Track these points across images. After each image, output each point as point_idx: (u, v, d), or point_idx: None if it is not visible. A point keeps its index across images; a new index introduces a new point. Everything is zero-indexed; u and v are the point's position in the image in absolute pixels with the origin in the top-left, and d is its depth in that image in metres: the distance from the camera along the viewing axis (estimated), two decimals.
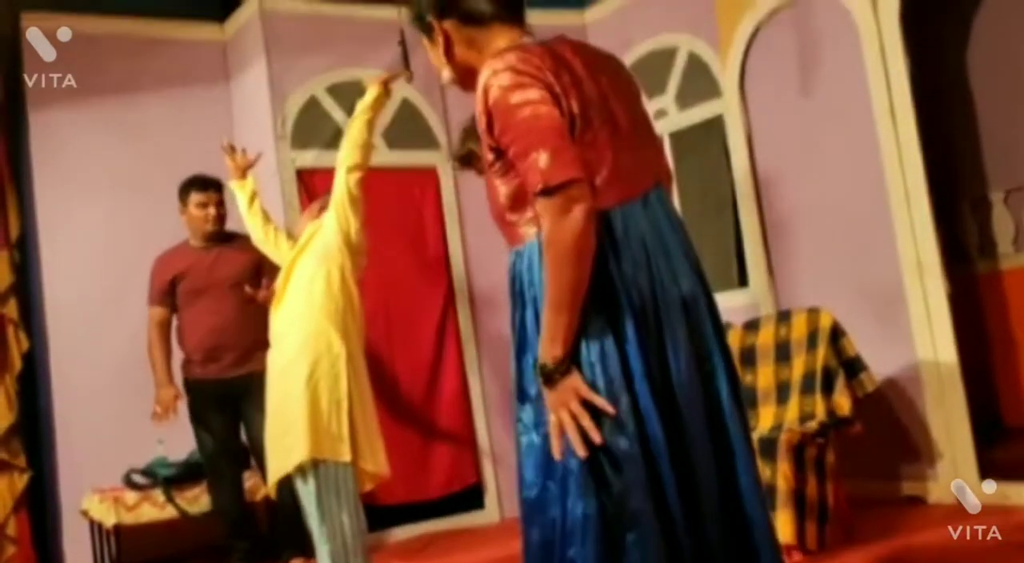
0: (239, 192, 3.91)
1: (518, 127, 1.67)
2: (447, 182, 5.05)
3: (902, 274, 4.06)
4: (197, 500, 4.22)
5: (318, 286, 3.44)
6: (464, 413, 4.92)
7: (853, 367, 3.67)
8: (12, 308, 4.48)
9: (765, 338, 3.93)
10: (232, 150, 3.96)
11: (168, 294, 4.13)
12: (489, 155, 1.76)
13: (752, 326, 4.04)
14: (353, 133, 3.61)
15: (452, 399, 4.90)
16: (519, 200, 1.75)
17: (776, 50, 4.50)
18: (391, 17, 4.27)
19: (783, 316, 3.97)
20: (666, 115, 5.02)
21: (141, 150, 4.82)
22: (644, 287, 1.72)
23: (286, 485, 3.41)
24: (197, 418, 4.11)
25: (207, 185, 4.14)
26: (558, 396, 1.67)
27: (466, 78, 1.87)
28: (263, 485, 4.26)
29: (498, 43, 1.82)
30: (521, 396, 1.79)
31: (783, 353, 3.83)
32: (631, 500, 1.64)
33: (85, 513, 4.33)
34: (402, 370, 4.80)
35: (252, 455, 4.11)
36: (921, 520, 3.73)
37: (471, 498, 4.88)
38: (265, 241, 3.88)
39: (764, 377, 3.87)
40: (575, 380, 1.66)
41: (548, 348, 1.66)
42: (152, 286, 4.17)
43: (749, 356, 3.93)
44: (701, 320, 1.77)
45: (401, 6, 4.12)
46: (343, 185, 3.54)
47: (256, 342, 3.87)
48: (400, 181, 4.95)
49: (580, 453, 1.64)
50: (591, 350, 1.68)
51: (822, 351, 3.65)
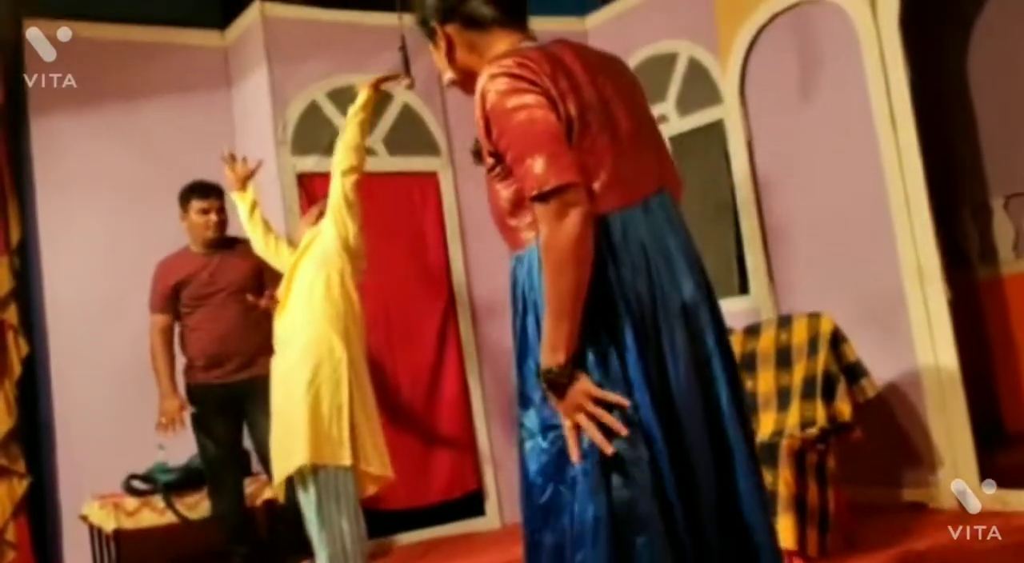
0: (240, 203, 3.93)
1: (514, 132, 1.67)
2: (448, 187, 5.06)
3: (903, 280, 4.06)
4: (197, 506, 4.22)
5: (318, 291, 3.45)
6: (465, 419, 4.91)
7: (854, 372, 3.66)
8: (12, 313, 4.47)
9: (766, 343, 3.93)
10: (232, 160, 3.96)
11: (171, 301, 4.11)
12: (489, 160, 1.76)
13: (753, 331, 4.04)
14: (346, 136, 3.61)
15: (452, 405, 4.89)
16: (520, 205, 1.74)
17: (776, 56, 4.51)
18: (392, 23, 4.28)
19: (784, 321, 3.97)
20: (666, 121, 5.03)
21: (142, 156, 4.82)
22: (643, 293, 1.71)
23: (292, 488, 3.42)
24: (199, 423, 4.11)
25: (208, 191, 4.13)
26: (570, 401, 1.66)
27: (467, 81, 1.87)
28: (263, 490, 4.28)
29: (499, 47, 1.82)
30: (524, 401, 1.78)
31: (784, 358, 3.82)
32: (640, 504, 1.64)
33: (85, 518, 4.33)
34: (403, 376, 4.79)
35: (259, 459, 4.10)
36: (922, 526, 3.72)
37: (472, 504, 4.87)
38: (266, 250, 3.90)
39: (765, 382, 3.86)
40: (584, 383, 1.66)
41: (551, 355, 1.65)
42: (154, 293, 4.16)
43: (750, 361, 3.93)
44: (702, 326, 1.76)
45: (402, 12, 4.14)
46: (339, 189, 3.55)
47: (260, 347, 3.87)
48: (401, 186, 4.96)
49: (608, 452, 1.64)
50: (590, 356, 1.68)
51: (823, 356, 3.64)
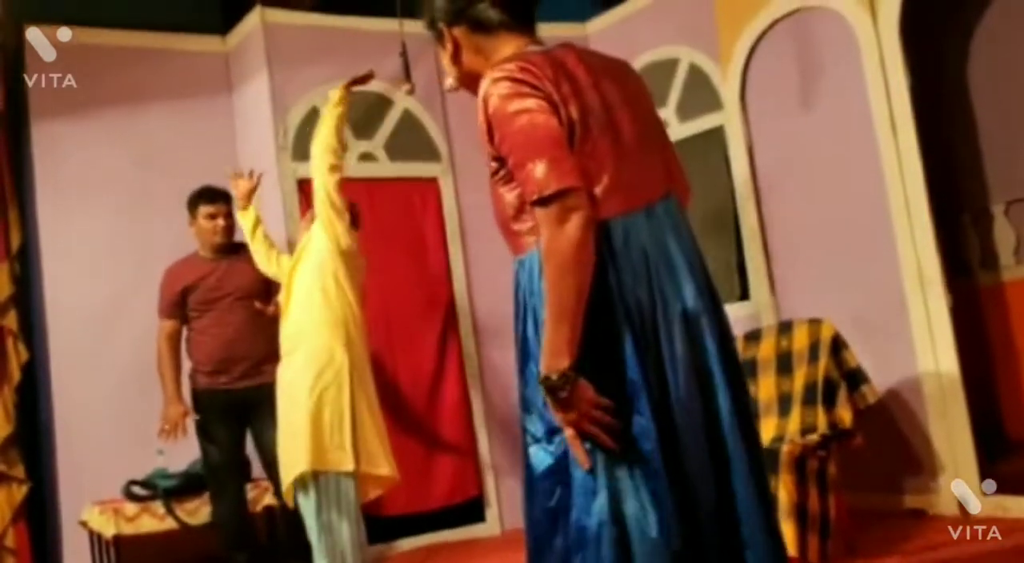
0: (243, 221, 3.93)
1: (516, 136, 1.67)
2: (448, 193, 5.06)
3: (903, 286, 4.06)
4: (197, 511, 4.21)
5: (316, 299, 3.46)
6: (465, 425, 4.90)
7: (855, 379, 3.65)
8: (12, 319, 4.47)
9: (766, 350, 3.92)
10: (237, 176, 3.96)
11: (178, 306, 4.09)
12: (492, 164, 1.76)
13: (753, 337, 4.04)
14: (321, 138, 3.57)
15: (453, 411, 4.88)
16: (523, 209, 1.74)
17: (777, 62, 4.51)
18: (392, 29, 4.28)
19: (784, 327, 3.96)
20: (667, 126, 5.02)
21: (143, 161, 4.82)
22: (644, 299, 1.70)
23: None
24: (203, 429, 4.08)
25: (215, 197, 4.13)
26: (571, 407, 1.64)
27: (473, 84, 1.87)
28: (263, 496, 4.27)
29: (505, 51, 1.83)
30: (526, 406, 1.78)
31: (784, 365, 3.82)
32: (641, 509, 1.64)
33: (85, 524, 4.32)
34: (403, 382, 4.79)
35: (263, 466, 4.09)
36: (923, 533, 3.71)
37: (472, 511, 4.86)
38: (269, 266, 3.92)
39: (765, 389, 3.86)
40: (586, 389, 1.64)
41: (552, 360, 1.63)
42: (162, 298, 4.14)
43: (750, 368, 3.92)
44: (703, 335, 1.74)
45: (402, 19, 4.15)
46: (322, 191, 3.51)
47: (266, 354, 3.87)
48: (401, 192, 4.96)
49: (615, 454, 1.64)
50: (588, 364, 1.66)
51: (823, 362, 3.64)
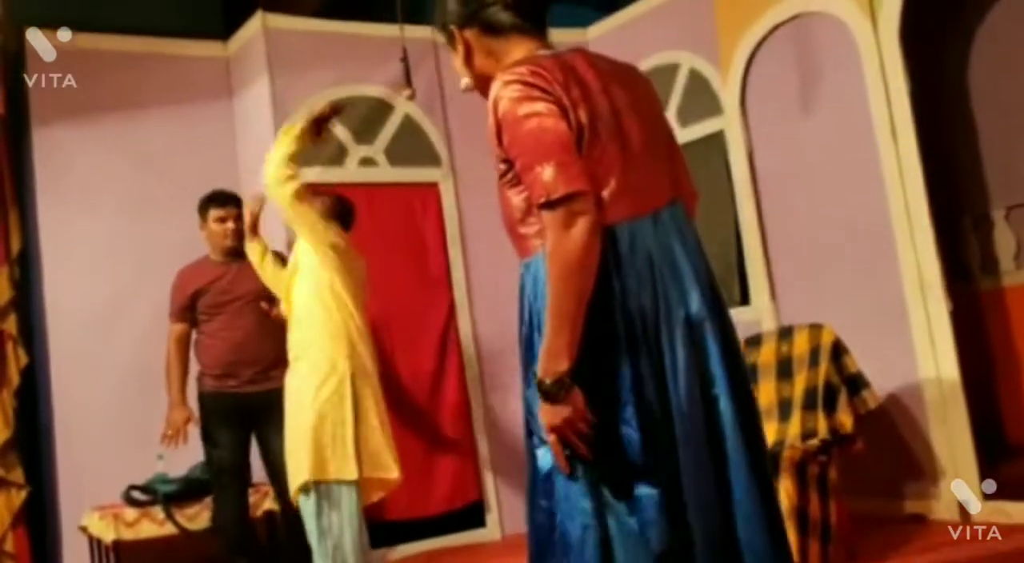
0: (252, 254, 3.87)
1: (525, 140, 1.68)
2: (448, 198, 5.06)
3: (904, 291, 4.06)
4: (197, 517, 4.20)
5: (316, 313, 3.49)
6: (466, 430, 4.90)
7: (855, 384, 3.65)
8: (11, 323, 4.47)
9: (767, 354, 3.92)
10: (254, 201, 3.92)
11: (188, 309, 4.07)
12: (501, 166, 1.77)
13: (754, 342, 4.04)
14: (275, 155, 3.47)
15: (453, 415, 4.88)
16: (530, 212, 1.75)
17: (777, 67, 4.52)
18: (393, 34, 4.29)
19: (785, 332, 3.96)
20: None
21: (144, 166, 4.83)
22: (647, 306, 1.70)
23: None
24: (207, 432, 4.07)
25: (226, 200, 4.12)
26: (560, 414, 1.64)
27: (484, 86, 1.88)
28: (264, 501, 4.27)
29: (516, 54, 1.84)
30: (531, 408, 1.78)
31: (785, 370, 3.82)
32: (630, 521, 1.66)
33: (84, 529, 4.32)
34: (403, 386, 4.78)
35: (268, 472, 4.07)
36: (924, 538, 3.71)
37: (473, 515, 4.86)
38: (280, 288, 3.81)
39: (766, 394, 3.85)
40: (579, 399, 1.65)
41: (550, 363, 1.64)
42: (173, 301, 4.12)
43: (751, 373, 3.92)
44: (707, 341, 1.74)
45: (403, 24, 4.15)
46: (283, 204, 3.46)
47: (275, 359, 3.87)
48: (402, 197, 4.97)
49: (567, 473, 1.68)
50: (584, 368, 1.66)
51: (824, 367, 3.63)
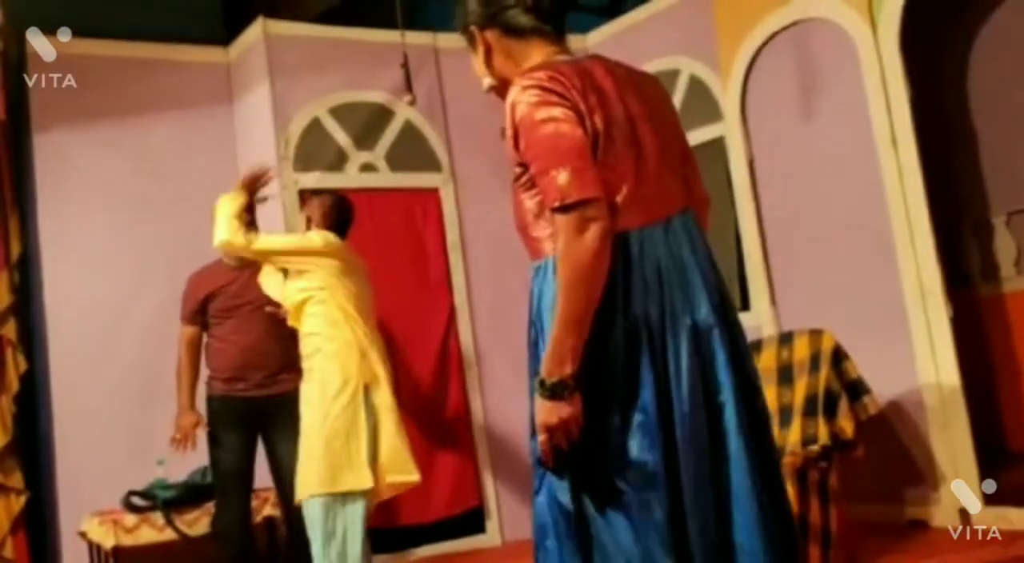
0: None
1: (540, 144, 1.70)
2: (449, 203, 5.07)
3: (904, 297, 4.06)
4: (196, 522, 4.20)
5: (325, 331, 3.55)
6: (465, 435, 4.90)
7: (856, 390, 3.65)
8: (11, 329, 4.46)
9: (767, 360, 3.92)
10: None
11: (200, 313, 4.07)
12: (516, 168, 1.79)
13: (754, 348, 4.02)
14: (219, 228, 3.60)
15: (453, 421, 4.88)
16: (542, 215, 1.76)
17: (777, 73, 4.52)
18: (394, 40, 4.30)
19: (785, 338, 3.96)
20: None
21: (145, 171, 4.83)
22: (654, 314, 1.71)
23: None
24: (214, 435, 4.06)
25: None
26: (558, 414, 1.66)
27: (502, 88, 1.89)
28: (264, 507, 4.27)
29: (535, 57, 1.85)
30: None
31: (785, 375, 3.82)
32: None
33: (84, 535, 4.31)
34: (403, 392, 4.77)
35: (274, 477, 4.06)
36: (924, 544, 3.71)
37: (472, 521, 4.85)
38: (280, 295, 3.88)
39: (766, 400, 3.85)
40: (577, 404, 1.66)
41: (555, 366, 1.65)
42: (184, 304, 4.11)
43: None
44: (715, 351, 1.74)
45: (404, 30, 4.16)
46: (249, 256, 3.67)
47: (284, 364, 3.87)
48: (402, 202, 4.97)
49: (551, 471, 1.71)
50: (585, 372, 1.67)
51: (824, 373, 3.63)
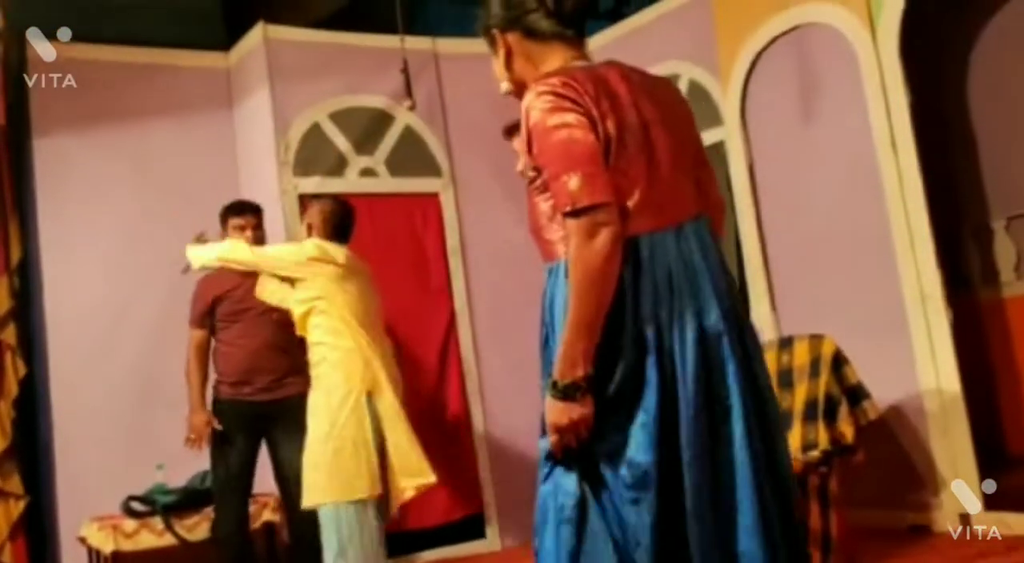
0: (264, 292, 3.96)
1: (553, 149, 1.71)
2: (449, 208, 5.07)
3: (904, 302, 4.05)
4: (196, 527, 4.19)
5: (328, 340, 3.58)
6: (465, 440, 4.89)
7: (856, 395, 3.64)
8: (10, 334, 4.45)
9: (767, 365, 3.91)
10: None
11: (208, 316, 4.08)
12: (531, 172, 1.81)
13: None
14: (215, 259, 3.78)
15: (454, 426, 4.88)
16: (555, 218, 1.78)
17: (777, 78, 4.52)
18: (394, 45, 4.31)
19: (785, 343, 3.95)
20: None
21: (145, 175, 4.84)
22: (663, 319, 1.73)
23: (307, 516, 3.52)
24: (218, 439, 4.05)
25: (244, 209, 4.12)
26: (569, 415, 1.68)
27: (520, 92, 1.90)
28: (263, 512, 4.26)
29: (554, 61, 1.86)
30: None
31: (785, 380, 3.81)
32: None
33: (83, 540, 4.30)
34: (404, 397, 4.77)
35: (277, 481, 4.06)
36: (925, 550, 3.70)
37: (472, 527, 4.84)
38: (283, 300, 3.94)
39: None
40: (589, 406, 1.68)
41: (568, 368, 1.67)
42: (193, 308, 4.12)
43: None
44: (722, 358, 1.76)
45: (404, 35, 4.17)
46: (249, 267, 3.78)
47: (290, 368, 3.88)
48: (402, 207, 4.97)
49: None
50: (594, 375, 1.69)
51: (824, 378, 3.62)
